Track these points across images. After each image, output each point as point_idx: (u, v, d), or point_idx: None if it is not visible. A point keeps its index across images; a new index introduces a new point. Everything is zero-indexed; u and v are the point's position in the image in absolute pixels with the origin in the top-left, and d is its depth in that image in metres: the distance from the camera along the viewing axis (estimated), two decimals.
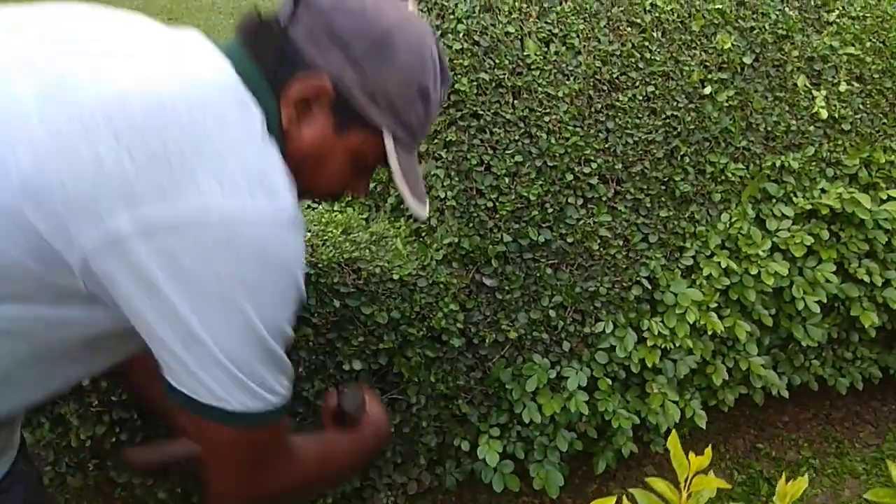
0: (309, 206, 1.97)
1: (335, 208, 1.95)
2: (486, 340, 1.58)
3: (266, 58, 0.76)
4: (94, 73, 0.67)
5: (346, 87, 0.76)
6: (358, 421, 0.96)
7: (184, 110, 0.67)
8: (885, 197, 1.83)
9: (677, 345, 1.66)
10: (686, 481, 0.58)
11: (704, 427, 1.77)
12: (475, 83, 1.54)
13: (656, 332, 1.65)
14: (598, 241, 1.63)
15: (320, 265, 1.41)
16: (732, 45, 1.75)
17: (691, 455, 0.59)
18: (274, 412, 0.74)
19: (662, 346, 1.65)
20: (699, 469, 0.59)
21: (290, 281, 0.73)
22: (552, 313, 1.61)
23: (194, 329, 0.67)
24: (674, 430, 0.66)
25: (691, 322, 1.64)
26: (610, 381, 1.66)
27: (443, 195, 1.54)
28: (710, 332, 1.67)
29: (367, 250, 1.50)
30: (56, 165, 0.63)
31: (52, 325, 0.72)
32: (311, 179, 0.82)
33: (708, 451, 0.61)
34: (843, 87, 1.88)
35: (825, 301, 1.77)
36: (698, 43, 1.75)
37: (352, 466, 0.99)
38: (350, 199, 1.87)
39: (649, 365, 1.64)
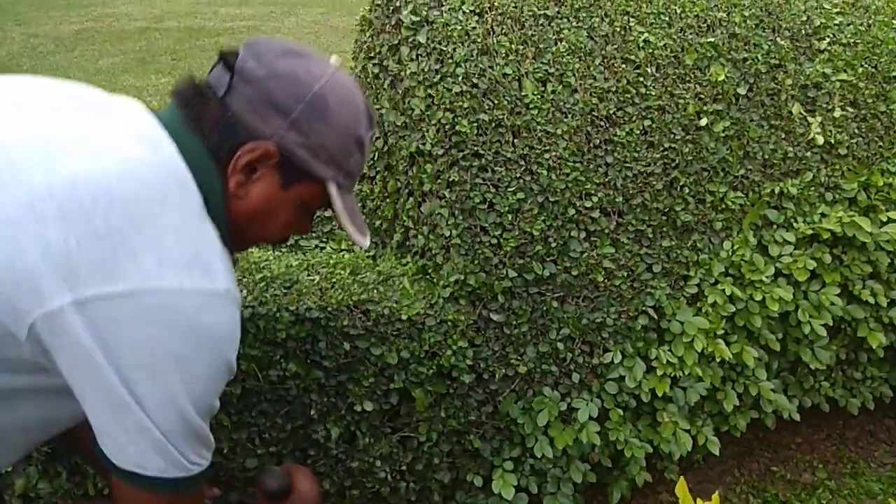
0: (317, 247, 2.01)
1: (342, 247, 1.98)
2: (496, 375, 1.60)
3: (207, 128, 0.81)
4: (44, 160, 0.70)
5: (290, 148, 0.82)
6: (285, 499, 1.02)
7: (128, 194, 0.72)
8: (885, 219, 1.85)
9: (686, 373, 1.67)
10: None
11: (718, 453, 1.77)
12: (475, 124, 1.58)
13: (665, 361, 1.66)
14: (603, 272, 1.66)
15: (329, 309, 1.44)
16: (726, 76, 1.79)
17: (699, 501, 0.60)
18: (190, 480, 0.78)
19: (671, 375, 1.67)
20: None
21: (221, 358, 0.77)
22: (560, 346, 1.63)
23: (123, 398, 0.71)
24: (682, 478, 0.68)
25: (699, 350, 1.66)
26: (621, 412, 1.67)
27: (447, 233, 1.57)
28: (718, 359, 1.68)
29: (375, 291, 1.53)
30: (5, 248, 0.67)
31: (5, 393, 0.76)
32: (260, 232, 0.89)
33: (716, 496, 0.62)
34: (837, 113, 1.91)
35: (831, 324, 1.78)
36: (692, 76, 1.78)
37: None
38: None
39: (659, 394, 1.65)
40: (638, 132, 1.70)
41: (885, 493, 2.12)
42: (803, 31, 1.98)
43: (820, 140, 1.85)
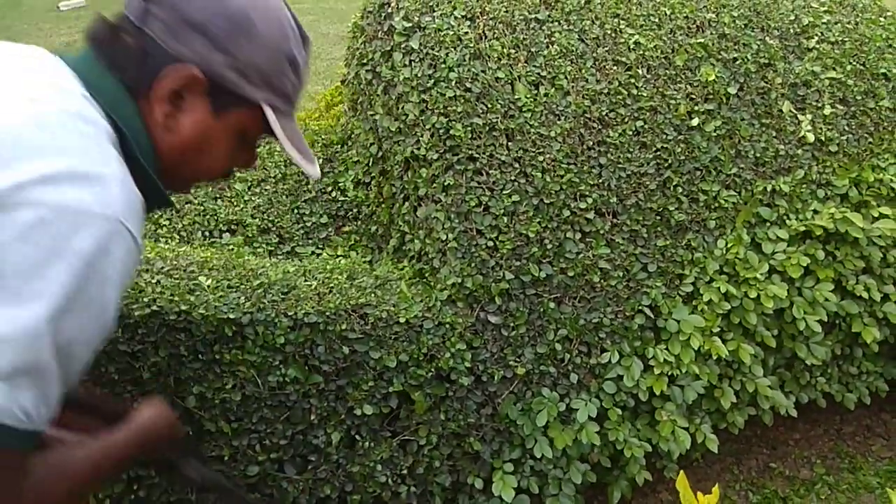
0: (314, 253, 2.01)
1: (338, 253, 1.99)
2: (495, 377, 1.60)
3: (122, 62, 0.77)
4: None
5: (216, 71, 0.78)
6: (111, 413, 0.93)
7: (24, 116, 0.68)
8: (876, 214, 1.86)
9: (683, 371, 1.68)
10: None
11: (716, 451, 1.78)
12: (469, 128, 1.59)
13: (662, 360, 1.67)
14: (599, 273, 1.67)
15: (327, 313, 1.44)
16: (717, 76, 1.81)
17: (699, 495, 0.61)
18: (14, 432, 0.66)
19: (669, 373, 1.68)
20: None
21: (94, 292, 0.68)
22: (558, 346, 1.64)
23: None
24: (682, 473, 0.69)
25: (695, 348, 1.67)
26: (619, 411, 1.67)
27: (444, 237, 1.58)
28: (714, 357, 1.69)
29: (373, 294, 1.54)
30: None
31: None
32: (197, 166, 0.83)
33: (716, 489, 0.63)
34: (827, 111, 1.93)
35: (826, 319, 1.80)
36: (683, 77, 1.80)
37: (111, 460, 0.87)
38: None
39: (657, 392, 1.66)
40: (630, 133, 1.71)
41: (882, 486, 2.13)
42: (792, 30, 2.00)
43: (811, 137, 1.87)
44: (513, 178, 1.61)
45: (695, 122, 1.77)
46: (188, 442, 1.37)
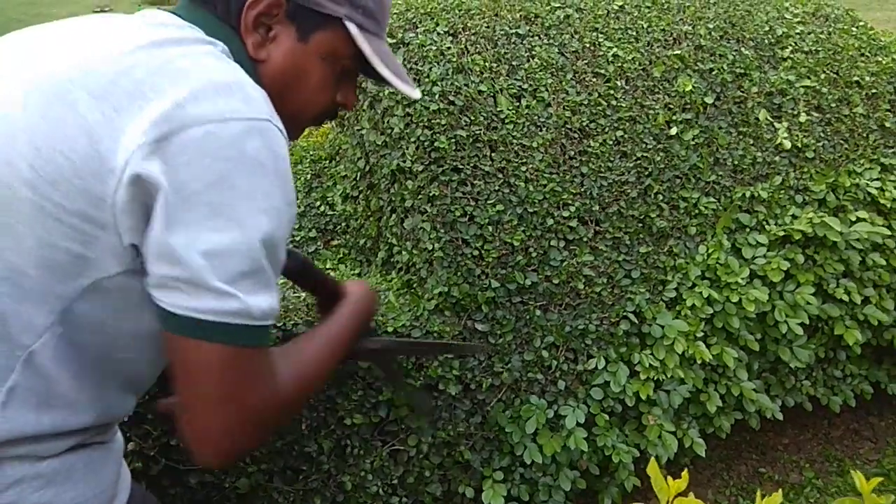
0: None
1: (327, 266, 2.01)
2: (483, 385, 1.62)
3: (213, 1, 0.79)
4: (65, 59, 0.71)
5: None
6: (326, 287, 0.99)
7: (141, 53, 0.70)
8: (854, 218, 1.90)
9: (669, 375, 1.70)
10: None
11: (704, 455, 1.80)
12: (453, 140, 1.62)
13: (647, 365, 1.69)
14: (583, 280, 1.69)
15: (316, 324, 1.46)
16: (693, 87, 1.86)
17: (670, 480, 0.63)
18: (257, 329, 0.70)
19: (655, 378, 1.70)
20: (678, 491, 0.63)
21: (280, 188, 0.71)
22: (545, 353, 1.66)
23: (186, 241, 0.66)
24: (653, 458, 0.71)
25: (680, 352, 1.69)
26: (607, 417, 1.69)
27: (430, 247, 1.61)
28: (699, 361, 1.72)
29: None
30: (52, 144, 0.67)
31: (117, 310, 0.73)
32: (295, 100, 0.83)
33: (685, 473, 0.65)
34: (803, 118, 1.98)
35: (808, 322, 1.83)
36: (661, 87, 1.85)
37: (343, 343, 0.93)
38: (344, 115, 1.84)
39: (644, 397, 1.68)
40: (611, 143, 1.75)
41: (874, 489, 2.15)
42: (766, 41, 2.06)
43: (787, 144, 1.92)
44: (497, 188, 1.64)
45: (673, 131, 1.81)
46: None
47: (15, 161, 0.67)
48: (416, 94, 0.87)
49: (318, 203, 2.15)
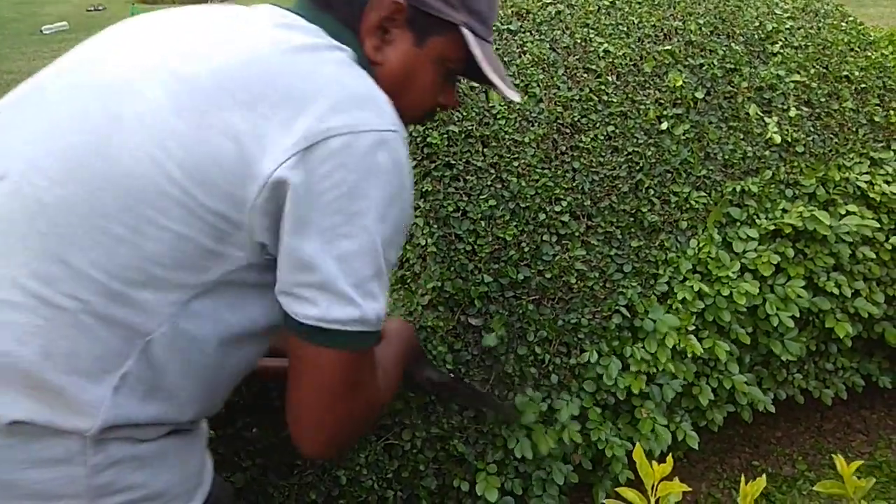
0: None
1: None
2: (477, 379, 1.63)
3: (334, 3, 0.83)
4: (207, 62, 0.75)
5: None
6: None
7: (281, 61, 0.75)
8: (843, 212, 1.92)
9: (661, 369, 1.71)
10: (653, 488, 0.64)
11: (697, 448, 1.81)
12: (446, 136, 1.63)
13: (639, 358, 1.71)
14: (576, 274, 1.70)
15: None
16: (684, 82, 1.87)
17: (654, 464, 0.65)
18: (371, 335, 0.77)
19: (647, 372, 1.71)
20: (663, 475, 0.64)
21: (403, 197, 0.77)
22: (538, 348, 1.67)
23: (320, 248, 0.72)
24: (638, 444, 0.72)
25: (671, 346, 1.70)
26: (600, 410, 1.70)
27: (423, 242, 1.62)
28: (690, 355, 1.73)
29: None
30: (203, 148, 0.71)
31: (234, 305, 0.78)
32: (406, 100, 0.87)
33: (669, 458, 0.67)
34: (793, 113, 1.99)
35: (798, 315, 1.84)
36: (651, 83, 1.86)
37: (398, 373, 1.03)
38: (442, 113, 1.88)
39: (636, 391, 1.69)
40: (602, 138, 1.76)
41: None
42: (756, 36, 2.07)
43: (777, 139, 1.93)
44: (489, 183, 1.65)
45: (664, 126, 1.82)
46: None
47: (165, 162, 0.71)
48: (517, 97, 0.94)
49: None
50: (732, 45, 2.01)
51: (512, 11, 1.87)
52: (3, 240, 0.72)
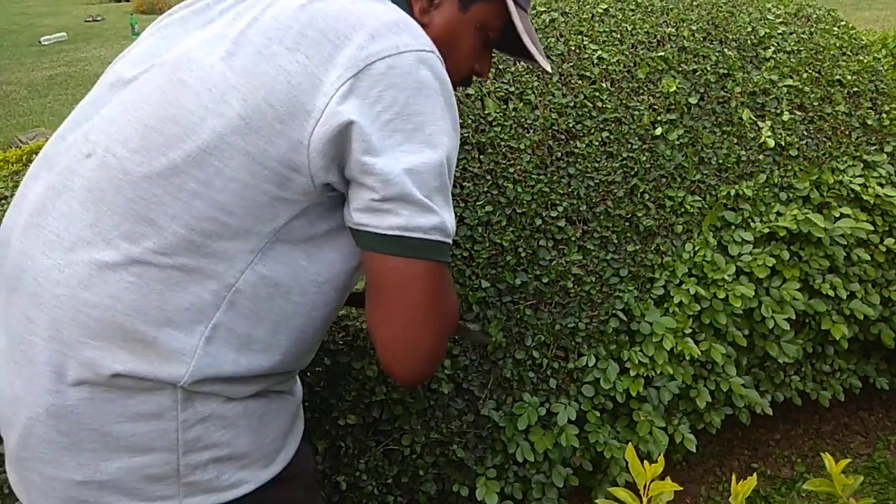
0: None
1: None
2: (475, 384, 1.64)
3: None
4: (255, 22, 0.81)
5: None
6: None
7: (316, 7, 0.81)
8: (837, 214, 1.93)
9: (658, 372, 1.73)
10: (645, 488, 0.65)
11: (695, 450, 1.82)
12: None
13: (637, 362, 1.72)
14: (572, 279, 1.72)
15: None
16: (678, 87, 1.89)
17: (646, 464, 0.66)
18: (447, 246, 0.80)
19: (644, 375, 1.72)
20: (655, 475, 0.66)
21: (451, 109, 0.80)
22: (536, 352, 1.68)
23: (386, 164, 0.75)
24: (630, 445, 0.73)
25: (668, 349, 1.71)
26: (598, 414, 1.71)
27: None
28: (688, 357, 1.74)
29: (353, 308, 1.58)
30: (259, 94, 0.76)
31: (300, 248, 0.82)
32: (447, 63, 0.89)
33: (661, 458, 0.68)
34: (786, 117, 2.01)
35: (794, 318, 1.85)
36: (645, 89, 1.88)
37: None
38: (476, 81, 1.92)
39: (634, 394, 1.70)
40: (597, 144, 1.78)
41: (863, 482, 2.18)
42: (749, 42, 2.09)
43: (771, 143, 1.95)
44: (485, 189, 1.66)
45: (658, 131, 1.84)
46: None
47: (227, 113, 0.77)
48: (549, 66, 0.99)
49: None
50: (725, 50, 2.03)
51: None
52: (95, 207, 0.78)
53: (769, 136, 1.95)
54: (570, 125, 1.77)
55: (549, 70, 1.01)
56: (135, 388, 0.78)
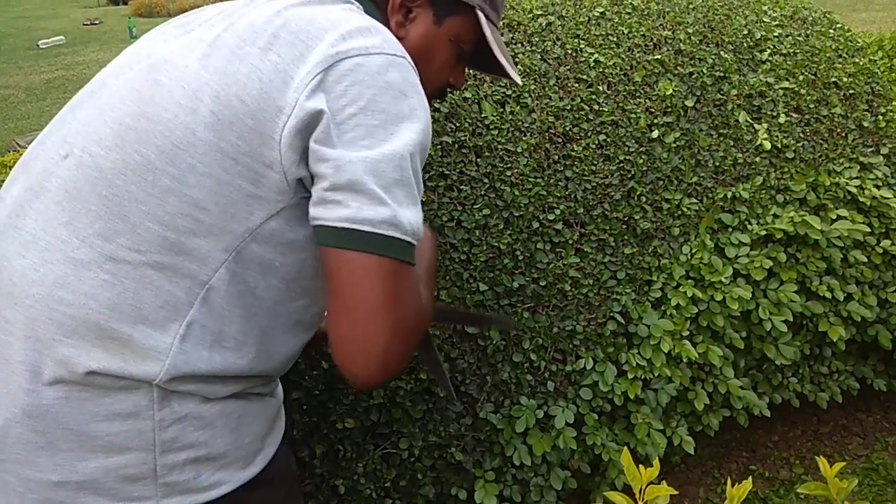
0: None
1: None
2: (473, 387, 1.64)
3: None
4: (230, 27, 0.84)
5: None
6: None
7: (290, 12, 0.83)
8: (834, 216, 1.94)
9: (656, 374, 1.73)
10: (640, 492, 0.66)
11: (693, 452, 1.82)
12: (439, 146, 1.65)
13: (634, 364, 1.72)
14: (570, 282, 1.72)
15: None
16: (674, 90, 1.89)
17: (641, 468, 0.66)
18: (406, 245, 0.77)
19: (642, 377, 1.72)
20: (650, 479, 0.66)
21: (420, 108, 0.81)
22: (533, 355, 1.68)
23: (345, 155, 0.76)
24: (625, 448, 0.74)
25: (666, 351, 1.72)
26: (596, 416, 1.72)
27: None
28: (685, 360, 1.75)
29: None
30: (230, 91, 0.78)
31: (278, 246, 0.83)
32: (423, 77, 0.90)
33: (656, 462, 0.68)
34: (782, 119, 2.02)
35: (791, 320, 1.86)
36: (642, 91, 1.88)
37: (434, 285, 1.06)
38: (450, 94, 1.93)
39: (631, 396, 1.71)
40: (594, 146, 1.78)
41: (860, 483, 2.18)
42: (745, 44, 2.10)
43: (767, 145, 1.95)
44: (483, 193, 1.67)
45: (655, 134, 1.84)
46: None
47: (199, 110, 0.78)
48: (519, 80, 1.02)
49: None
50: (722, 53, 2.04)
51: (503, 23, 1.90)
52: (71, 206, 0.78)
53: (765, 139, 1.96)
54: (567, 128, 1.77)
55: (520, 83, 1.03)
56: (110, 386, 0.78)
